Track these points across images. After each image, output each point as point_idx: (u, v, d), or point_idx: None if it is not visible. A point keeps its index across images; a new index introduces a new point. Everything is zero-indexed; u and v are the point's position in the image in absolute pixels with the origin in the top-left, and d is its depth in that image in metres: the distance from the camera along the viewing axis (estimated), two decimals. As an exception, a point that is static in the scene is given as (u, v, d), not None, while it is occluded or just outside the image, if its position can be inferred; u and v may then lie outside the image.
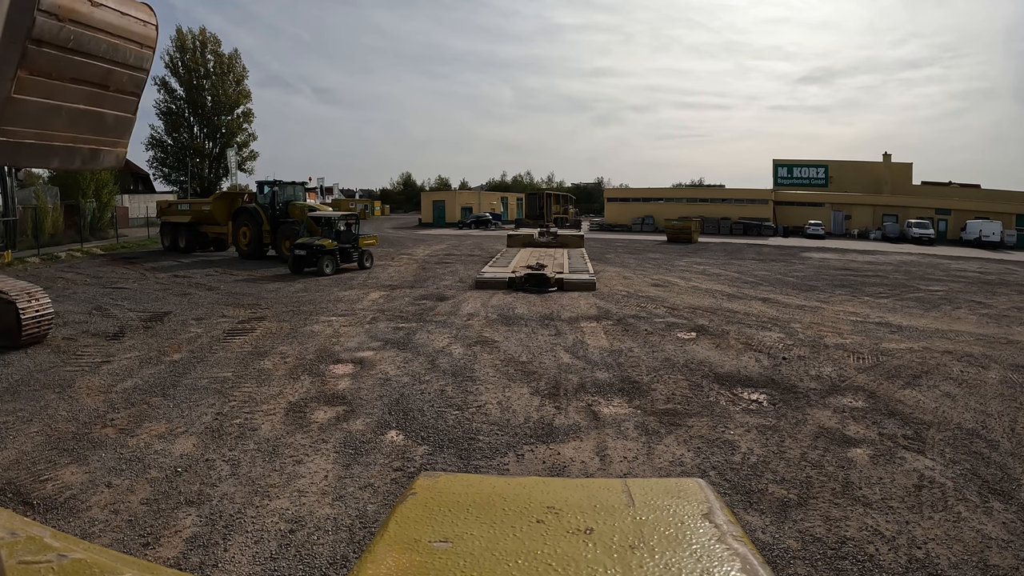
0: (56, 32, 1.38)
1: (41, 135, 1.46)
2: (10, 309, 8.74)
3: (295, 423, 5.90)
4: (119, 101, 1.71)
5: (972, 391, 7.19)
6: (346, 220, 19.21)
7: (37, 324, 8.97)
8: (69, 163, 1.60)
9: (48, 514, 4.18)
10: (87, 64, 1.53)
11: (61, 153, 1.56)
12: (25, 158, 1.47)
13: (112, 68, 1.62)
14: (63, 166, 1.61)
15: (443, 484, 1.29)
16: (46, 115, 1.44)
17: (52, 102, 1.43)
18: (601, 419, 6.12)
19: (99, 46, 1.55)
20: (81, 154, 1.61)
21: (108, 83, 1.63)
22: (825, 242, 38.94)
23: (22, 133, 1.39)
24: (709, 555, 1.01)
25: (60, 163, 1.59)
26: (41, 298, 9.06)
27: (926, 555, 3.82)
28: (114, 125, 1.70)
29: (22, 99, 1.34)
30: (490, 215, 52.24)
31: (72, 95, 1.51)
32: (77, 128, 1.57)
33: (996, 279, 19.92)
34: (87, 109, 1.57)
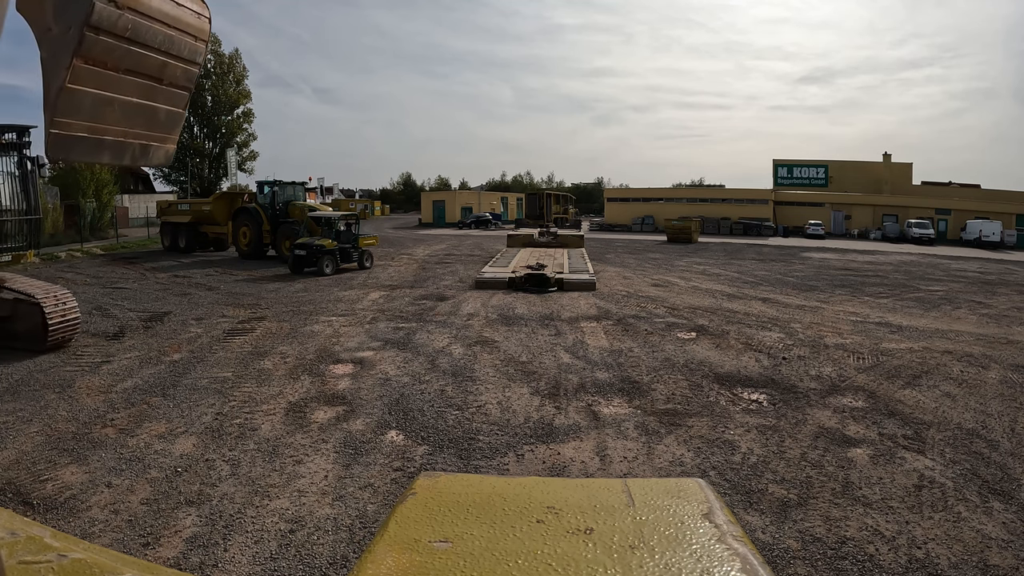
0: (115, 20, 1.33)
1: (93, 128, 1.41)
2: (35, 312, 8.40)
3: (295, 423, 5.90)
4: (171, 95, 1.67)
5: (972, 391, 7.19)
6: (346, 220, 19.21)
7: (63, 328, 8.66)
8: (119, 159, 1.56)
9: (48, 514, 4.17)
10: (143, 55, 1.48)
11: (112, 148, 1.51)
12: (77, 152, 1.43)
13: (167, 61, 1.58)
14: (113, 161, 1.55)
15: (443, 484, 1.29)
16: (99, 108, 1.39)
17: (106, 94, 1.38)
18: (601, 419, 6.12)
19: (156, 37, 1.51)
20: (132, 150, 1.57)
21: (162, 76, 1.58)
22: (825, 242, 38.94)
23: (75, 126, 1.35)
24: (709, 555, 1.01)
25: (110, 158, 1.54)
26: (67, 300, 8.76)
27: (926, 555, 3.82)
28: (165, 120, 1.66)
29: (76, 90, 1.30)
30: (490, 215, 52.23)
31: (126, 87, 1.46)
32: (129, 122, 1.53)
33: (996, 279, 19.92)
34: (140, 103, 1.52)
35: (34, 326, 8.39)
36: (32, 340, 8.46)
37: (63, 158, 1.44)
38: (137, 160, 1.62)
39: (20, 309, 8.59)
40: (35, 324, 8.37)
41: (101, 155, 1.51)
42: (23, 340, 8.53)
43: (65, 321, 8.65)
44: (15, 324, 8.61)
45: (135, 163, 1.62)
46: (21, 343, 8.51)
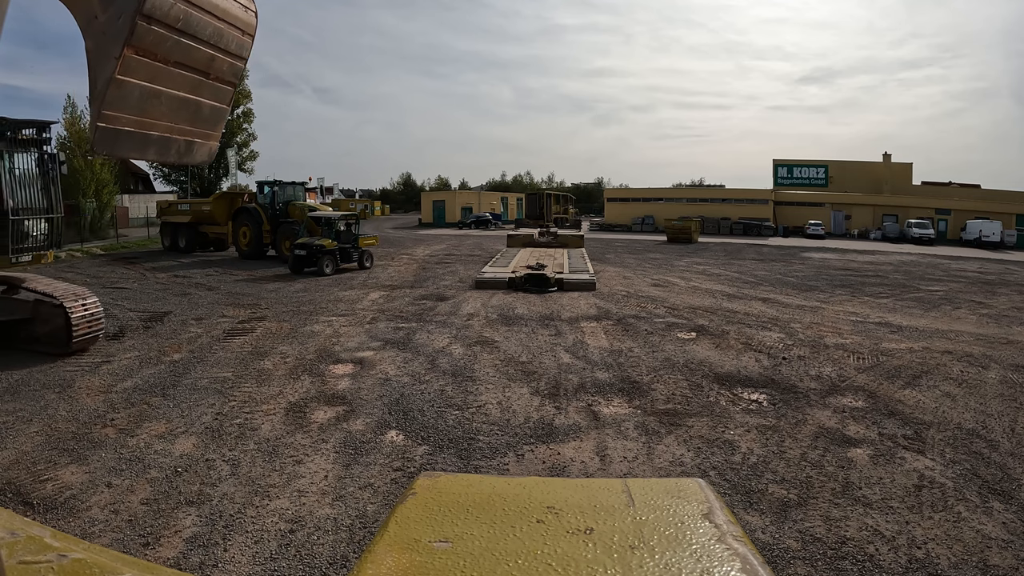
0: (167, 9, 1.29)
1: (141, 123, 1.37)
2: (58, 313, 8.16)
3: (295, 423, 5.90)
4: (217, 91, 1.62)
5: (972, 391, 7.19)
6: (346, 220, 19.20)
7: (88, 329, 8.42)
8: (164, 155, 1.52)
9: (48, 514, 4.17)
10: (192, 48, 1.44)
11: (158, 144, 1.47)
12: (124, 147, 1.38)
13: (215, 54, 1.53)
14: (158, 158, 1.50)
15: (443, 484, 1.29)
16: (147, 101, 1.34)
17: (154, 87, 1.34)
18: (601, 419, 6.12)
19: (205, 29, 1.47)
20: (177, 146, 1.53)
21: (209, 70, 1.53)
22: (825, 242, 38.94)
23: (122, 119, 1.31)
24: (709, 555, 1.01)
25: (155, 155, 1.49)
26: (90, 301, 8.54)
27: (926, 555, 3.82)
28: (209, 116, 1.61)
29: (125, 81, 1.26)
30: (490, 215, 52.20)
31: (174, 81, 1.41)
32: (175, 117, 1.48)
33: (996, 279, 19.91)
34: (187, 97, 1.48)
35: (57, 328, 8.21)
36: (54, 343, 8.26)
37: (109, 153, 1.39)
38: (182, 157, 1.57)
39: (42, 311, 8.41)
40: (58, 326, 8.18)
41: (147, 151, 1.47)
42: (45, 343, 8.34)
43: (90, 323, 8.45)
44: (36, 326, 8.44)
45: (179, 160, 1.58)
46: (43, 346, 8.32)
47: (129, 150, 1.40)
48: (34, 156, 8.48)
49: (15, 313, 8.55)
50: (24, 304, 8.59)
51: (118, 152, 1.38)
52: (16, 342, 8.49)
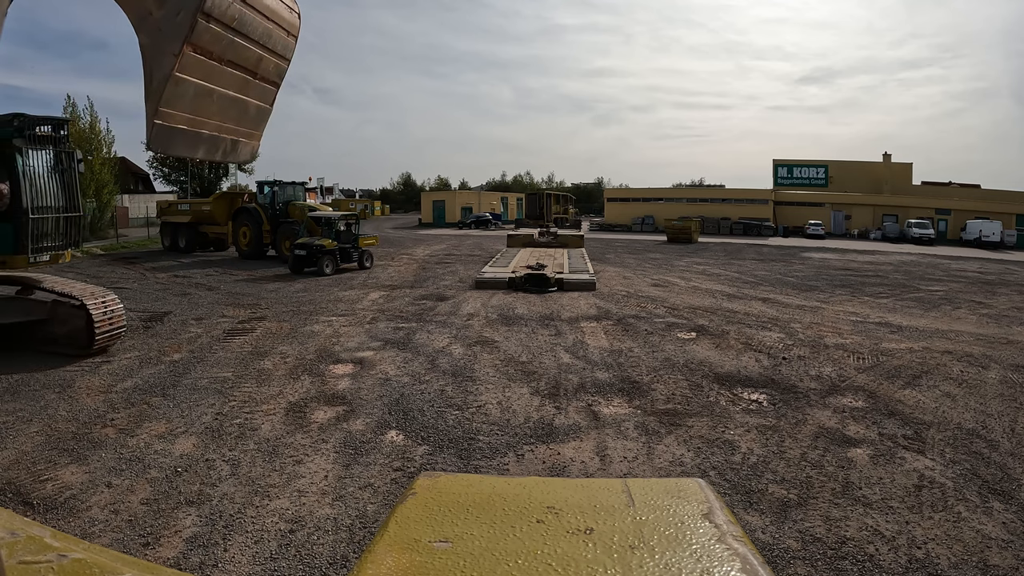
0: (225, 8, 1.28)
1: (193, 121, 1.34)
2: (79, 314, 8.00)
3: (295, 423, 5.90)
4: (263, 90, 1.60)
5: (972, 391, 7.19)
6: (346, 220, 19.20)
7: (110, 329, 8.27)
8: (212, 154, 1.48)
9: (48, 514, 4.17)
10: (244, 47, 1.42)
11: (208, 143, 1.44)
12: (177, 146, 1.36)
13: (263, 55, 1.51)
14: (207, 157, 1.48)
15: (443, 484, 1.29)
16: (200, 100, 1.32)
17: (207, 85, 1.33)
18: (601, 419, 6.12)
19: (257, 29, 1.45)
20: (224, 145, 1.50)
21: (257, 70, 1.52)
22: (825, 242, 38.94)
23: (177, 117, 1.29)
24: (709, 555, 1.01)
25: (205, 153, 1.45)
26: (111, 301, 8.38)
27: (926, 555, 3.82)
28: (254, 115, 1.59)
29: (182, 79, 1.25)
30: (490, 215, 52.20)
31: (226, 79, 1.39)
32: (224, 116, 1.45)
33: (996, 279, 19.91)
34: (235, 96, 1.45)
35: (76, 329, 8.08)
36: (74, 344, 8.13)
37: (163, 151, 1.36)
38: (227, 156, 1.55)
39: (60, 311, 8.28)
40: (78, 327, 8.06)
41: (197, 150, 1.44)
42: (63, 344, 8.22)
43: (111, 323, 8.31)
44: (53, 327, 8.31)
45: (224, 159, 1.56)
46: (61, 347, 8.20)
47: (182, 148, 1.38)
48: (50, 154, 8.34)
49: (31, 314, 8.41)
50: (40, 305, 8.45)
51: (172, 150, 1.36)
52: (32, 343, 8.34)
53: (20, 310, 8.43)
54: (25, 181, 7.91)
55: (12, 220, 7.90)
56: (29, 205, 7.90)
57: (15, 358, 7.97)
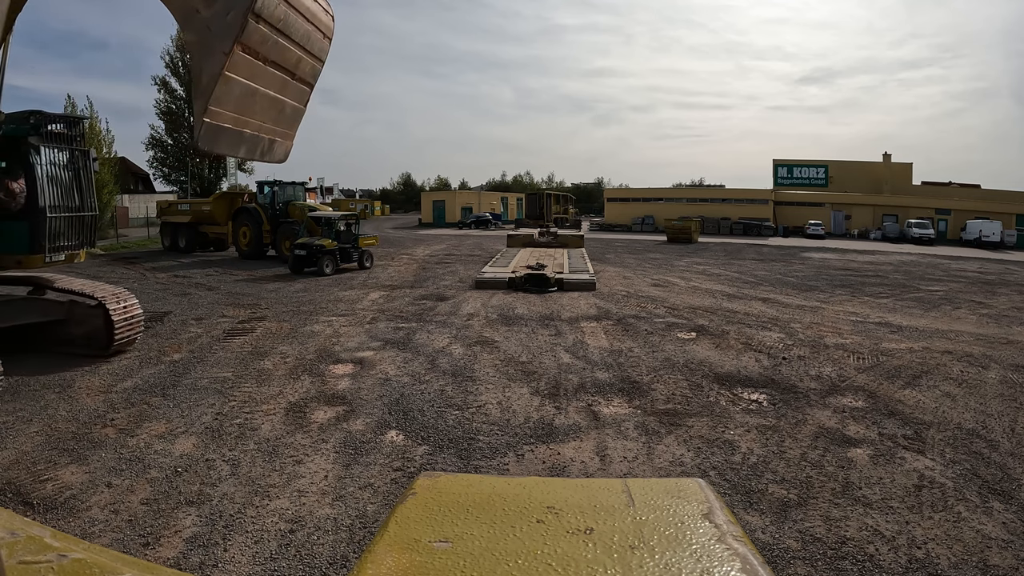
0: (272, 9, 1.28)
1: (237, 120, 1.34)
2: (98, 313, 7.92)
3: (295, 423, 5.90)
4: (299, 91, 1.60)
5: (972, 391, 7.19)
6: (346, 220, 19.21)
7: (129, 329, 8.17)
8: (251, 153, 1.47)
9: (48, 514, 4.17)
10: (286, 48, 1.42)
11: (248, 142, 1.43)
12: (222, 144, 1.35)
13: (302, 55, 1.52)
14: (246, 156, 1.47)
15: (443, 484, 1.29)
16: (245, 99, 1.32)
17: (251, 85, 1.33)
18: (601, 419, 6.12)
19: (298, 30, 1.45)
20: (262, 144, 1.49)
21: (296, 71, 1.52)
22: (825, 242, 38.94)
23: (224, 116, 1.29)
24: (709, 555, 1.01)
25: (246, 152, 1.45)
26: (130, 300, 8.31)
27: (926, 555, 3.82)
28: (290, 116, 1.59)
29: (231, 78, 1.25)
30: (490, 215, 52.21)
31: (268, 79, 1.40)
32: (264, 116, 1.45)
33: (996, 279, 19.91)
34: (275, 96, 1.46)
35: (95, 329, 7.99)
36: (92, 344, 8.03)
37: (209, 150, 1.36)
38: (264, 155, 1.54)
39: (77, 311, 8.19)
40: (96, 327, 7.97)
41: (239, 148, 1.43)
42: (81, 344, 8.13)
43: (130, 323, 8.20)
44: (70, 328, 8.23)
45: (261, 158, 1.55)
46: (79, 348, 8.12)
47: (227, 147, 1.38)
48: (66, 152, 8.20)
49: (47, 314, 8.29)
50: (57, 305, 8.33)
51: (217, 149, 1.36)
52: (47, 344, 8.22)
53: (35, 310, 8.29)
54: (43, 180, 7.78)
55: (28, 219, 7.78)
56: (46, 204, 7.78)
57: (25, 359, 7.96)
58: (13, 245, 7.82)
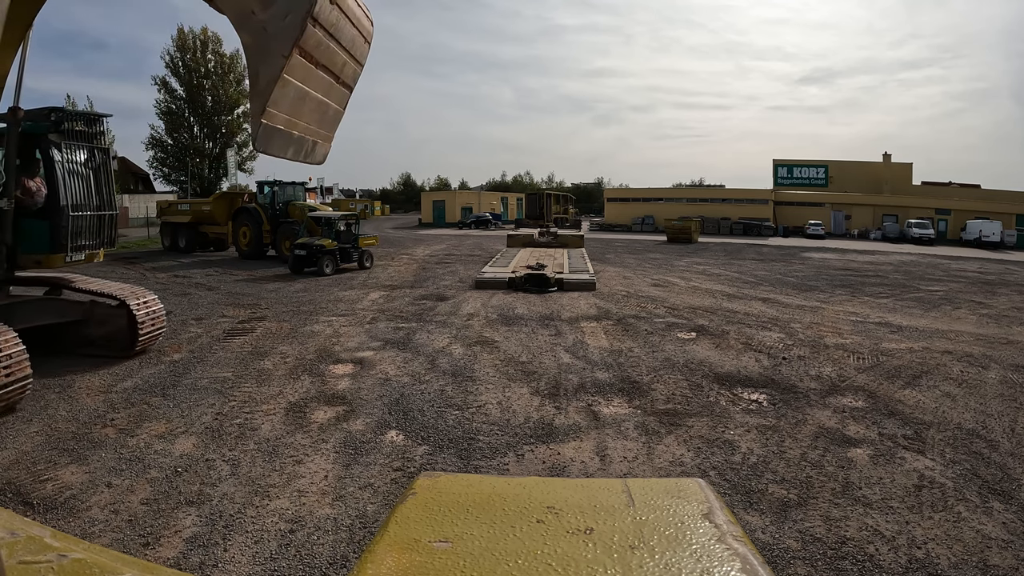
0: (327, 13, 1.29)
1: (289, 122, 1.34)
2: (120, 313, 7.82)
3: (295, 423, 5.90)
4: (341, 94, 1.59)
5: (972, 391, 7.19)
6: (346, 220, 19.21)
7: (152, 330, 8.08)
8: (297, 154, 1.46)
9: (48, 514, 4.17)
10: (334, 51, 1.42)
11: (296, 144, 1.43)
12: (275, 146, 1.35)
13: (347, 59, 1.53)
14: (293, 158, 1.46)
15: (443, 484, 1.29)
16: (297, 101, 1.33)
17: (303, 87, 1.33)
18: (601, 419, 6.11)
19: (346, 34, 1.45)
20: (306, 146, 1.49)
21: (340, 74, 1.52)
22: (825, 242, 38.94)
23: (279, 118, 1.29)
24: (709, 555, 1.01)
25: (292, 154, 1.44)
26: (151, 299, 8.22)
27: (926, 555, 3.82)
28: (332, 118, 1.59)
29: (288, 80, 1.25)
30: (490, 215, 52.23)
31: (317, 82, 1.40)
32: (310, 118, 1.45)
33: (996, 279, 19.91)
34: (321, 99, 1.46)
35: (117, 330, 7.89)
36: (113, 345, 7.94)
37: (263, 150, 1.35)
38: (307, 157, 1.54)
39: (98, 312, 8.10)
40: (118, 328, 7.87)
41: (288, 150, 1.43)
42: (102, 345, 8.05)
43: (153, 323, 8.11)
44: (90, 329, 8.13)
45: (305, 160, 1.54)
46: (99, 349, 8.03)
47: (278, 148, 1.38)
48: (86, 150, 8.07)
49: (66, 315, 8.18)
50: (76, 305, 8.22)
51: (271, 150, 1.36)
52: (66, 346, 8.10)
53: (55, 311, 8.16)
54: (65, 177, 7.65)
55: (49, 218, 7.65)
56: (68, 203, 7.65)
57: (43, 361, 7.93)
58: (33, 244, 7.68)
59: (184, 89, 44.83)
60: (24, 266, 7.87)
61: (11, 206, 7.10)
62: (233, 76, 46.19)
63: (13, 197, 7.11)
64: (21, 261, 7.74)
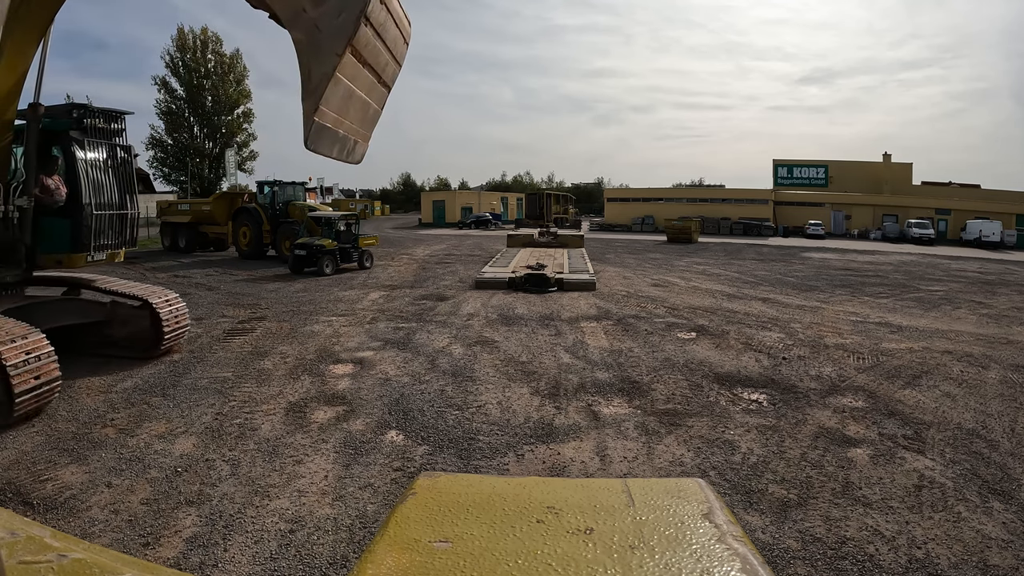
0: (378, 12, 1.29)
1: (337, 121, 1.34)
2: (143, 314, 7.73)
3: (295, 423, 5.90)
4: (380, 94, 1.59)
5: (972, 391, 7.18)
6: (346, 220, 19.21)
7: (176, 329, 8.01)
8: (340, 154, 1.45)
9: (48, 514, 4.17)
10: (379, 51, 1.42)
11: (340, 142, 1.42)
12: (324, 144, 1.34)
13: (389, 59, 1.53)
14: (336, 156, 1.45)
15: (443, 484, 1.29)
16: (345, 100, 1.32)
17: (351, 86, 1.33)
18: (601, 419, 6.11)
19: (391, 34, 1.45)
20: (347, 145, 1.48)
21: (383, 74, 1.52)
22: (825, 242, 38.94)
23: (329, 116, 1.29)
24: (709, 555, 1.01)
25: (337, 153, 1.43)
26: (175, 300, 8.15)
27: (926, 555, 3.82)
28: (371, 118, 1.58)
29: (340, 78, 1.24)
30: (490, 215, 52.22)
31: (362, 81, 1.39)
32: (354, 117, 1.44)
33: (996, 279, 19.91)
34: (364, 98, 1.45)
35: (140, 331, 7.81)
36: (136, 346, 7.86)
37: (313, 149, 1.34)
38: (348, 156, 1.52)
39: (120, 312, 7.97)
40: (142, 328, 7.79)
41: (334, 149, 1.42)
42: (124, 346, 7.96)
43: (178, 322, 8.03)
44: (112, 329, 8.04)
45: (346, 159, 1.53)
46: (121, 350, 7.93)
47: (326, 147, 1.37)
48: (108, 148, 7.89)
49: (88, 315, 8.04)
50: (98, 306, 8.11)
51: (319, 149, 1.34)
52: (87, 347, 7.98)
53: (76, 311, 8.02)
54: (89, 175, 7.50)
55: (71, 216, 7.48)
56: (91, 201, 7.50)
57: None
58: (54, 244, 7.52)
59: (184, 89, 44.81)
60: (44, 266, 7.72)
61: (31, 204, 6.97)
62: (233, 76, 46.18)
63: (33, 195, 6.98)
64: (40, 261, 7.59)
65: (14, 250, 7.07)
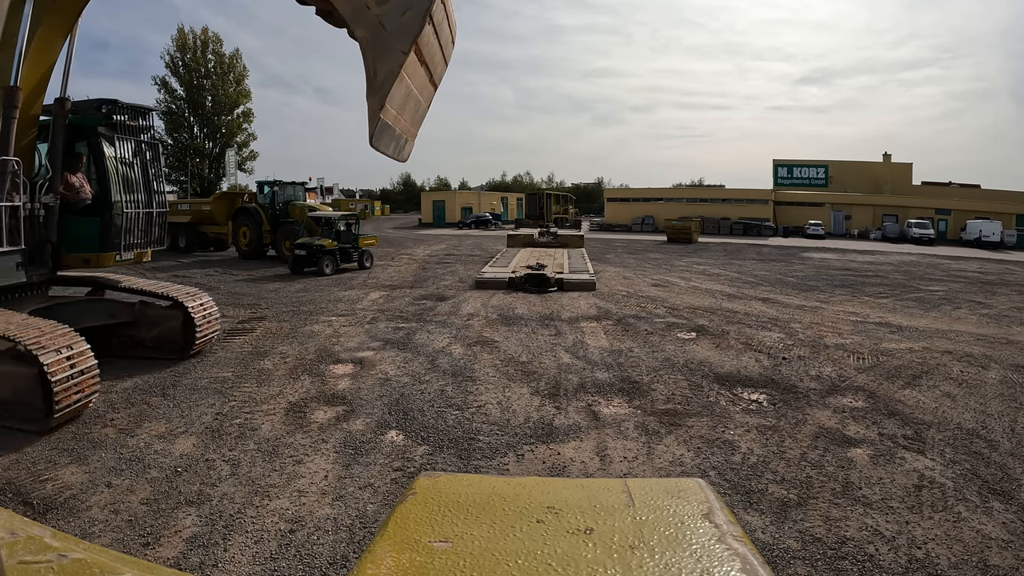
0: (438, 11, 1.30)
1: (396, 118, 1.34)
2: (174, 315, 7.61)
3: (295, 423, 5.90)
4: (429, 92, 1.59)
5: (972, 391, 7.19)
6: (346, 220, 19.21)
7: (208, 330, 7.90)
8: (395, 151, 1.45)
9: (48, 514, 4.17)
10: (435, 50, 1.43)
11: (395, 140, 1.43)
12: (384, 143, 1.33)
13: (440, 59, 1.54)
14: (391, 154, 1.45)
15: (443, 484, 1.29)
16: (405, 98, 1.32)
17: (410, 84, 1.33)
18: (601, 419, 6.11)
19: (445, 33, 1.46)
20: (399, 143, 1.49)
21: (434, 73, 1.53)
22: (825, 242, 38.94)
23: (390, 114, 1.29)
24: (709, 555, 1.01)
25: (392, 150, 1.43)
26: (207, 300, 8.03)
27: (926, 555, 3.82)
28: (420, 116, 1.58)
29: (404, 77, 1.24)
30: (490, 215, 52.24)
31: (418, 79, 1.39)
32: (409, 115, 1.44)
33: (996, 279, 19.91)
34: (417, 96, 1.46)
35: (170, 331, 7.68)
36: (165, 347, 7.75)
37: (376, 147, 1.34)
38: (398, 155, 1.52)
39: (149, 313, 7.85)
40: (171, 328, 7.67)
41: (391, 146, 1.42)
42: (153, 348, 7.83)
43: (209, 323, 7.92)
44: (140, 330, 7.93)
45: (396, 156, 1.52)
46: (150, 351, 7.83)
47: (385, 145, 1.37)
48: (136, 144, 7.68)
49: (116, 316, 7.85)
50: (125, 306, 7.96)
51: (381, 147, 1.34)
52: (113, 348, 7.78)
53: (103, 312, 7.87)
54: (118, 172, 7.32)
55: (100, 215, 7.30)
56: (122, 199, 7.33)
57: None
58: (81, 243, 7.34)
59: (184, 89, 44.86)
60: (70, 265, 7.53)
61: (56, 202, 6.81)
62: (233, 76, 46.23)
63: (59, 193, 6.83)
64: (66, 260, 7.41)
65: (40, 249, 6.90)
